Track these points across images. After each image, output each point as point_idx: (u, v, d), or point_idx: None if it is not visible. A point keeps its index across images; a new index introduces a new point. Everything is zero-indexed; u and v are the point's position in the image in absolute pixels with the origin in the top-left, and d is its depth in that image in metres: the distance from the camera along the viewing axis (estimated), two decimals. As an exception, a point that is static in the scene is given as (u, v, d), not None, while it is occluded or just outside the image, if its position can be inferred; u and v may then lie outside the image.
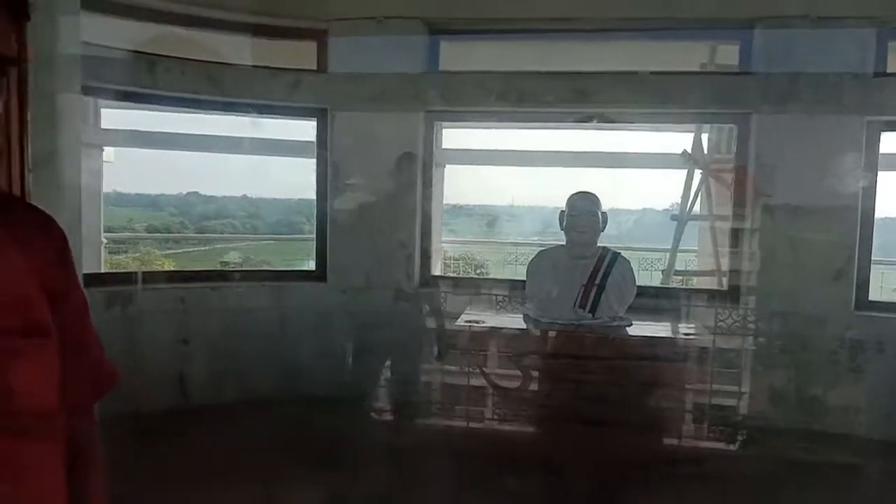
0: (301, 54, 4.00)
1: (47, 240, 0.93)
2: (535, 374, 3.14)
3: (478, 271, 5.48)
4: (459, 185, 4.63)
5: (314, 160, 4.08)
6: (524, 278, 3.53)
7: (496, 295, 3.94)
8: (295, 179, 4.20)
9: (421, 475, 2.73)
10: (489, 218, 5.61)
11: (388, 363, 3.78)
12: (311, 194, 4.14)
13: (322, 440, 3.05)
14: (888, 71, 3.58)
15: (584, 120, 3.98)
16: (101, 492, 0.99)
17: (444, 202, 4.51)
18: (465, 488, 2.65)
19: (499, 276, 4.80)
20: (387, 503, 2.54)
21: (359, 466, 2.78)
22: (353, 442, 3.05)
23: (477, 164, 4.72)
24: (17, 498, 0.82)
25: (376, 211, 3.98)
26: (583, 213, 3.28)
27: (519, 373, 3.15)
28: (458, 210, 5.26)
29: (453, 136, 4.39)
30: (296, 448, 2.99)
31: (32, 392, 0.85)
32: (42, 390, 0.86)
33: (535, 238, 4.91)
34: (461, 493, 2.64)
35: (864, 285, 3.70)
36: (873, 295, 3.81)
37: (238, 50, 3.84)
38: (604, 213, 3.32)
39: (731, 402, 3.44)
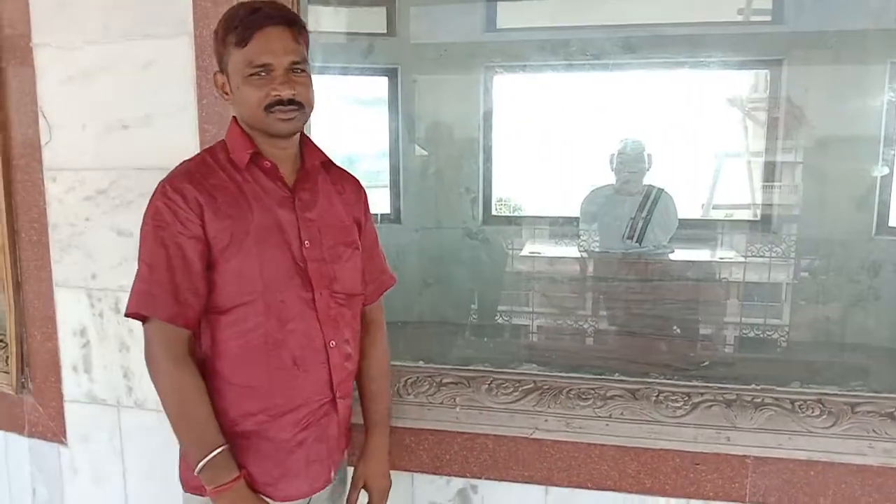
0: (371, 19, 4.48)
1: (354, 191, 1.50)
2: (590, 295, 3.70)
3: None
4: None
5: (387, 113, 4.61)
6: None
7: (545, 229, 4.49)
8: (368, 132, 4.71)
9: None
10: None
11: (465, 290, 4.37)
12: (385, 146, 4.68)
13: (426, 350, 3.63)
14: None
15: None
16: (384, 344, 1.60)
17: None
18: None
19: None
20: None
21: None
22: (451, 352, 3.66)
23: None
24: (338, 334, 1.42)
25: (443, 160, 4.52)
26: (630, 154, 3.75)
27: (576, 295, 3.73)
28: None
29: (507, 89, 4.83)
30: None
31: (346, 279, 1.43)
32: (352, 279, 1.46)
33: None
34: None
35: (884, 212, 4.13)
36: (893, 221, 4.23)
37: (317, 19, 4.31)
38: (649, 155, 3.79)
39: (758, 316, 3.96)
